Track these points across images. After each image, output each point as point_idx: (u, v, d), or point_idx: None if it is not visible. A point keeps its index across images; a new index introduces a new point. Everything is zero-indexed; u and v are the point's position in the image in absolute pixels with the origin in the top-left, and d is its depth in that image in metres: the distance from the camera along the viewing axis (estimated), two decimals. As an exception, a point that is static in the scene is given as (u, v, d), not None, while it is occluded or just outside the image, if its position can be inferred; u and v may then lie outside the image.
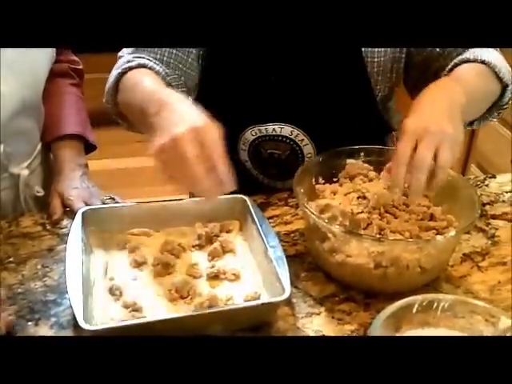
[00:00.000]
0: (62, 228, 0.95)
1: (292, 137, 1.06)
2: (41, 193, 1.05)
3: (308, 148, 1.07)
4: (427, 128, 0.76)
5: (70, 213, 0.97)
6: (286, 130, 1.05)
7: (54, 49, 1.02)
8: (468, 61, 0.94)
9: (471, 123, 1.01)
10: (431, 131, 0.76)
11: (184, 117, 0.74)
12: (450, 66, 0.95)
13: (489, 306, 0.68)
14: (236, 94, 1.01)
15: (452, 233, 0.80)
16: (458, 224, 0.84)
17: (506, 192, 1.09)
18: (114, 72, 0.95)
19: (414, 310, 0.67)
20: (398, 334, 0.66)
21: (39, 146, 1.08)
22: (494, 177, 1.15)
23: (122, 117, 0.97)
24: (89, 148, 1.09)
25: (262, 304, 0.77)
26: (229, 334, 0.75)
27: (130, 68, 0.94)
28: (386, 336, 0.64)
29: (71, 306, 0.73)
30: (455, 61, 0.95)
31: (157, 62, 0.96)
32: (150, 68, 0.94)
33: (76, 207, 0.96)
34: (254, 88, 1.02)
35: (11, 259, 0.88)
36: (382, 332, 0.64)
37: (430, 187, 0.76)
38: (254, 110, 1.03)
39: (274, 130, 1.06)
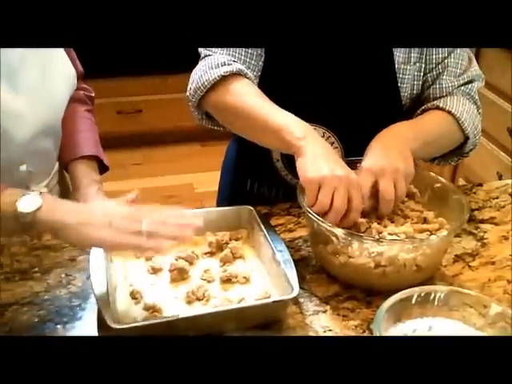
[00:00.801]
0: (81, 241, 1.02)
1: (324, 137, 1.10)
2: (45, 190, 1.11)
3: (336, 151, 1.09)
4: (383, 167, 0.91)
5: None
6: (318, 131, 1.09)
7: (76, 77, 1.10)
8: (438, 108, 1.05)
9: (433, 160, 1.13)
10: (388, 169, 0.91)
11: (333, 160, 0.90)
12: (422, 108, 1.07)
13: (480, 295, 0.75)
14: (276, 96, 1.05)
15: (444, 233, 0.88)
16: (449, 226, 0.92)
17: (493, 198, 1.17)
18: (212, 72, 1.03)
19: (413, 301, 0.74)
20: (399, 324, 0.73)
21: (56, 166, 1.15)
22: (480, 185, 1.23)
23: (206, 114, 1.09)
24: (101, 169, 1.16)
25: (273, 302, 0.83)
26: (242, 331, 0.82)
27: (232, 72, 1.02)
28: (386, 336, 0.71)
29: (99, 308, 0.80)
30: (428, 105, 1.06)
31: (248, 71, 1.06)
32: (245, 75, 1.04)
33: None
34: (292, 90, 1.10)
35: (36, 269, 0.94)
36: (384, 322, 0.71)
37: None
38: (292, 111, 1.05)
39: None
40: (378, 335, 0.68)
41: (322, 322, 0.86)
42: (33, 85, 0.99)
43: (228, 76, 1.02)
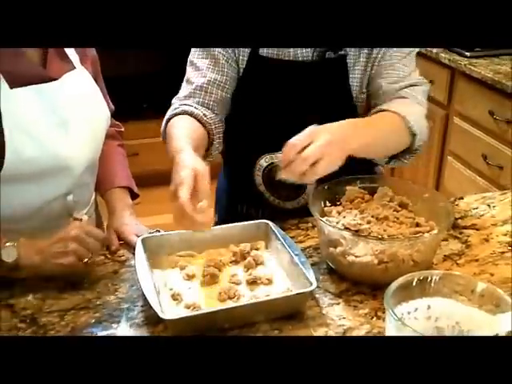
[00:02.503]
0: (120, 256, 1.17)
1: None
2: (85, 217, 1.26)
3: None
4: (324, 140, 1.00)
5: (124, 244, 1.19)
6: None
7: (109, 115, 1.27)
8: (382, 110, 1.19)
9: (388, 161, 1.26)
10: (325, 144, 1.00)
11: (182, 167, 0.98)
12: (374, 111, 1.20)
13: (468, 276, 0.92)
14: (253, 130, 1.27)
15: (435, 231, 1.05)
16: (438, 227, 1.08)
17: (473, 209, 1.35)
18: (166, 116, 1.22)
19: (414, 284, 0.89)
20: (403, 304, 0.89)
21: (93, 196, 1.31)
22: (461, 198, 1.40)
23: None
24: (132, 196, 1.32)
25: (297, 294, 0.99)
26: (270, 321, 0.97)
27: (175, 114, 1.20)
28: (385, 336, 0.86)
29: (150, 306, 0.94)
30: (379, 107, 1.20)
31: (197, 107, 1.22)
32: (191, 113, 1.20)
33: (129, 239, 1.18)
34: (266, 124, 1.27)
35: (85, 281, 1.09)
36: (392, 300, 0.86)
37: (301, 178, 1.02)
38: (267, 141, 1.26)
39: None
40: (389, 311, 0.83)
41: (336, 312, 1.01)
42: (81, 131, 1.17)
43: (173, 117, 1.21)
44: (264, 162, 1.32)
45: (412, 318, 0.90)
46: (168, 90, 1.41)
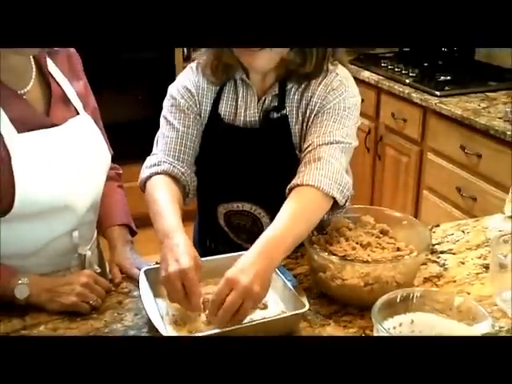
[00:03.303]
0: (124, 288, 1.24)
1: (252, 211, 1.40)
2: (98, 270, 1.35)
3: (265, 218, 1.39)
4: (241, 283, 1.03)
5: (126, 277, 1.27)
6: (246, 206, 1.40)
7: (110, 158, 1.36)
8: (298, 185, 1.21)
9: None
10: (242, 290, 1.02)
11: (171, 260, 1.08)
12: (289, 187, 1.23)
13: (446, 292, 1.01)
14: (212, 181, 1.40)
15: (414, 253, 1.15)
16: (418, 250, 1.18)
17: (449, 235, 1.45)
18: (146, 171, 1.31)
19: (398, 300, 0.99)
20: (389, 319, 0.98)
21: (95, 233, 1.39)
22: (438, 226, 1.51)
23: None
24: (131, 233, 1.41)
25: (291, 315, 1.07)
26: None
27: (156, 173, 1.30)
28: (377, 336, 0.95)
29: (156, 330, 1.02)
30: (290, 185, 1.22)
31: (175, 164, 1.32)
32: (170, 173, 1.30)
33: (131, 272, 1.26)
34: (224, 176, 1.39)
35: (93, 312, 1.16)
36: (379, 315, 0.95)
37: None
38: (224, 193, 1.41)
39: (237, 206, 1.41)
40: (377, 325, 0.92)
41: (327, 332, 1.10)
42: (84, 172, 1.27)
43: (153, 175, 1.30)
44: (222, 209, 1.44)
45: (397, 332, 0.99)
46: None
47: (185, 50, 3.28)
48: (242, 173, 1.38)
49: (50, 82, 1.27)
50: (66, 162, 1.23)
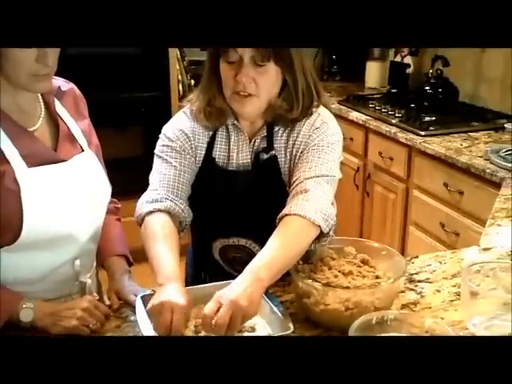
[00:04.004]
0: (122, 313, 1.34)
1: (247, 245, 1.52)
2: (97, 297, 1.44)
3: (259, 251, 1.42)
4: (231, 299, 1.13)
5: (123, 304, 1.37)
6: (242, 240, 1.51)
7: (110, 192, 1.47)
8: (287, 214, 1.31)
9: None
10: (230, 304, 1.12)
11: (167, 293, 1.17)
12: (279, 217, 1.33)
13: (417, 314, 1.11)
14: (207, 218, 1.52)
15: (391, 280, 1.25)
16: (394, 277, 1.28)
17: (427, 265, 1.55)
18: (144, 208, 1.39)
19: (373, 322, 1.08)
20: (366, 339, 1.07)
21: (95, 263, 1.49)
22: (417, 257, 1.61)
23: None
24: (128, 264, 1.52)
25: (277, 336, 1.16)
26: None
27: (159, 210, 1.38)
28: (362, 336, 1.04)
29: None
30: (282, 213, 1.32)
31: (175, 200, 1.41)
32: (172, 211, 1.39)
33: (128, 299, 1.35)
34: (218, 213, 1.50)
35: (93, 335, 1.25)
36: (355, 335, 1.04)
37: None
38: (221, 229, 1.52)
39: (233, 241, 1.52)
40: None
41: (311, 353, 1.18)
42: (87, 205, 1.38)
43: (155, 211, 1.37)
44: (218, 244, 1.55)
45: (374, 351, 1.08)
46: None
47: (180, 89, 3.42)
48: (238, 211, 1.49)
49: (58, 121, 1.38)
50: (70, 195, 1.34)
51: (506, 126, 2.87)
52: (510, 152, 2.41)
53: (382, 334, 1.09)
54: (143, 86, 3.40)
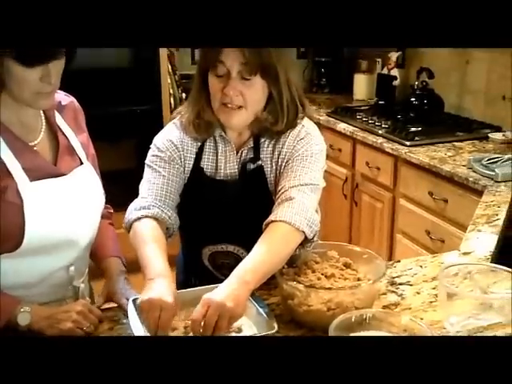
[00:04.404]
0: (114, 317, 1.39)
1: (235, 251, 1.58)
2: (89, 300, 1.50)
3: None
4: (216, 302, 1.19)
5: (116, 308, 1.42)
6: (230, 247, 1.58)
7: (104, 199, 1.53)
8: (272, 221, 1.38)
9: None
10: (217, 305, 1.19)
11: (157, 290, 1.23)
12: (264, 223, 1.39)
13: (394, 312, 1.17)
14: (196, 226, 1.59)
15: (370, 281, 1.31)
16: (374, 279, 1.34)
17: (408, 269, 1.61)
18: (133, 214, 1.45)
19: (353, 320, 1.14)
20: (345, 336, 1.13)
21: (87, 269, 1.55)
22: (399, 261, 1.67)
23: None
24: None
25: (262, 336, 1.22)
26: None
27: (146, 216, 1.44)
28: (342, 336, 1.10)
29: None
30: (268, 219, 1.39)
31: (162, 208, 1.47)
32: (159, 217, 1.45)
33: (121, 303, 1.41)
34: (207, 221, 1.56)
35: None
36: (335, 332, 1.10)
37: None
38: (211, 236, 1.58)
39: (222, 247, 1.59)
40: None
41: (295, 351, 1.24)
42: (86, 214, 1.46)
43: (143, 217, 1.44)
44: (208, 250, 1.61)
45: (353, 347, 1.14)
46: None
47: (172, 103, 3.49)
48: (226, 218, 1.55)
49: (58, 134, 1.44)
50: (70, 206, 1.40)
51: (489, 135, 2.95)
52: (491, 161, 2.49)
53: (361, 332, 1.15)
54: (136, 100, 3.47)
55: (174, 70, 3.54)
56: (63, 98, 1.51)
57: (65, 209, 1.39)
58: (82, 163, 1.47)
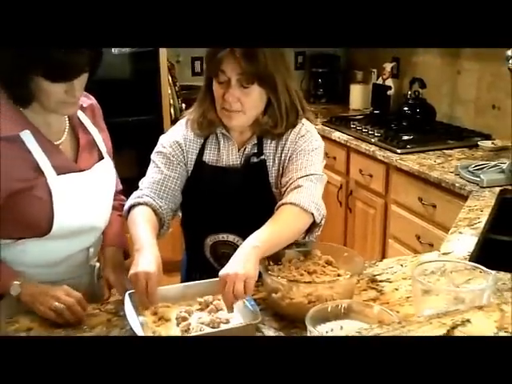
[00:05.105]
0: (112, 309, 1.50)
1: (235, 241, 1.68)
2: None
3: None
4: (228, 274, 1.33)
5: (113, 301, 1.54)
6: (230, 237, 1.68)
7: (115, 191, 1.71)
8: (284, 204, 1.51)
9: (304, 237, 1.59)
10: (230, 275, 1.32)
11: (142, 263, 1.36)
12: (276, 207, 1.52)
13: (367, 303, 1.27)
14: (198, 217, 1.70)
15: (347, 276, 1.41)
16: (352, 273, 1.44)
17: (389, 268, 1.71)
18: (130, 201, 1.61)
19: (329, 310, 1.24)
20: (321, 324, 1.23)
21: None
22: (381, 260, 1.77)
23: None
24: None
25: (247, 324, 1.33)
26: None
27: (139, 203, 1.59)
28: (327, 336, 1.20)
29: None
30: (279, 202, 1.53)
31: (155, 198, 1.60)
32: (150, 205, 1.59)
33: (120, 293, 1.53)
34: (209, 212, 1.68)
35: (85, 327, 1.41)
36: (312, 322, 1.20)
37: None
38: (212, 225, 1.69)
39: (223, 237, 1.69)
40: (309, 329, 1.17)
41: (278, 341, 1.34)
42: (104, 202, 1.66)
43: (136, 205, 1.59)
44: (209, 241, 1.71)
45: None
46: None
47: (172, 113, 3.60)
48: (226, 207, 1.66)
49: (78, 134, 1.62)
50: (90, 196, 1.59)
51: (479, 143, 3.05)
52: (478, 167, 2.58)
53: (336, 321, 1.24)
54: (137, 111, 3.58)
55: (174, 81, 3.66)
56: (84, 100, 1.67)
57: (86, 199, 1.57)
58: (101, 158, 1.66)
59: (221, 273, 1.35)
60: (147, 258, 1.38)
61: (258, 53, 1.52)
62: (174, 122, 3.56)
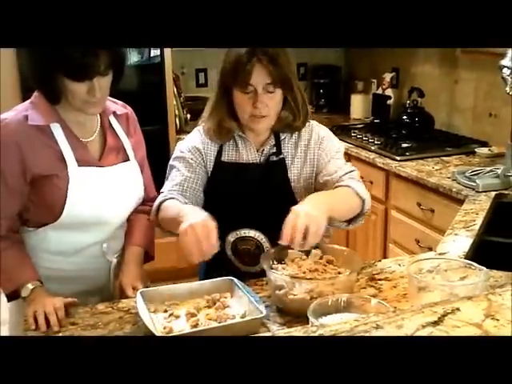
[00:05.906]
0: (124, 307, 1.58)
1: (255, 237, 1.77)
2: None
3: (266, 244, 1.76)
4: (304, 214, 1.44)
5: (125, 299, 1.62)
6: (251, 232, 1.77)
7: (143, 195, 1.81)
8: (341, 185, 1.68)
9: (348, 225, 1.72)
10: (304, 215, 1.44)
11: (191, 218, 1.46)
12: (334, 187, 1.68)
13: (365, 297, 1.35)
14: (220, 214, 1.71)
15: (347, 273, 1.49)
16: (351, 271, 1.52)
17: (388, 267, 1.79)
18: (157, 201, 1.71)
19: (329, 303, 1.32)
20: (323, 317, 1.31)
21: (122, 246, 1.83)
22: (380, 260, 1.85)
23: (159, 226, 1.71)
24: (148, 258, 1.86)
25: (252, 319, 1.40)
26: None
27: (165, 199, 1.69)
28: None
29: (151, 333, 1.35)
30: (335, 185, 1.69)
31: (179, 197, 1.70)
32: (178, 200, 1.69)
33: (127, 291, 1.64)
34: (230, 209, 1.76)
35: (100, 323, 1.49)
36: (314, 315, 1.28)
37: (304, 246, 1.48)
38: (231, 223, 1.76)
39: (244, 232, 1.77)
40: (312, 321, 1.26)
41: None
42: (117, 199, 1.74)
43: (164, 201, 1.69)
44: (231, 237, 1.79)
45: (330, 327, 1.31)
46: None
47: (177, 123, 3.69)
48: (248, 203, 1.76)
49: (107, 136, 1.74)
50: (107, 191, 1.69)
51: (476, 150, 3.13)
52: (474, 173, 2.66)
53: (336, 314, 1.32)
54: (143, 121, 3.66)
55: (179, 92, 3.75)
56: (119, 108, 1.82)
57: (101, 193, 1.68)
58: (126, 160, 1.77)
59: (294, 207, 1.47)
60: (199, 213, 1.49)
61: (280, 58, 1.66)
62: (179, 131, 3.66)
